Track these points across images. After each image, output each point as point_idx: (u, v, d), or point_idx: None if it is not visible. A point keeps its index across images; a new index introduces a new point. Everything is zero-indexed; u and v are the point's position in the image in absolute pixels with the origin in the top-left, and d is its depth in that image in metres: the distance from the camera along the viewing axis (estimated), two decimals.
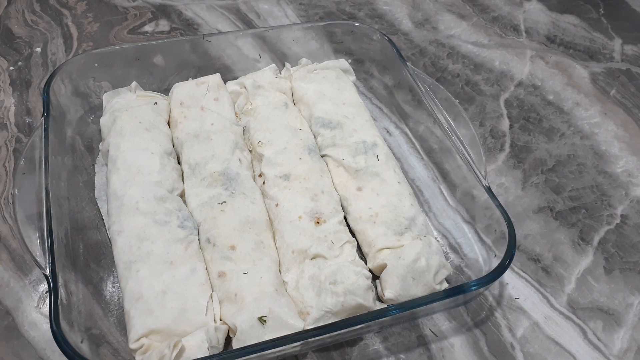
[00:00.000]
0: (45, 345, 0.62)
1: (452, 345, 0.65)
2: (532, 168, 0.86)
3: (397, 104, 0.90)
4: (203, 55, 0.89)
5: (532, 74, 1.03)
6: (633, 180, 0.86)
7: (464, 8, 1.17)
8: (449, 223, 0.76)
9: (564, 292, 0.72)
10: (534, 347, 0.66)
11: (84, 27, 1.04)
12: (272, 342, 0.54)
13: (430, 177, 0.81)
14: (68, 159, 0.76)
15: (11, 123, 0.86)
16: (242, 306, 0.60)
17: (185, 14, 1.10)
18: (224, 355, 0.53)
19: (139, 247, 0.63)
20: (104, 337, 0.62)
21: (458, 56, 1.05)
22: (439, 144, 0.79)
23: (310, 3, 1.15)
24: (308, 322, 0.60)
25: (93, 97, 0.85)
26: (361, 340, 0.65)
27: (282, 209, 0.69)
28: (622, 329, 0.68)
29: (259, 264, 0.64)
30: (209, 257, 0.65)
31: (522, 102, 0.97)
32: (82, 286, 0.65)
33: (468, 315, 0.68)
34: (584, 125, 0.94)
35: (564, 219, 0.80)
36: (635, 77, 1.04)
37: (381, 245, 0.67)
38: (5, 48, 0.99)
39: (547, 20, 1.16)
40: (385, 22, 1.12)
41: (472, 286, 0.59)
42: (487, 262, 0.67)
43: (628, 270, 0.74)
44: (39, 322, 0.64)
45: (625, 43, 1.11)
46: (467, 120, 0.76)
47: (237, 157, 0.74)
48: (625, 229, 0.79)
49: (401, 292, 0.63)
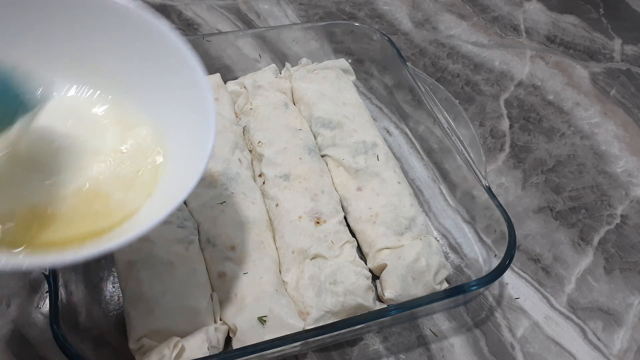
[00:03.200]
0: (45, 345, 0.62)
1: (452, 345, 0.65)
2: (532, 168, 0.86)
3: (397, 104, 0.90)
4: (203, 55, 0.88)
5: (532, 74, 1.03)
6: (633, 180, 0.86)
7: (464, 8, 1.17)
8: (449, 223, 0.76)
9: (564, 292, 0.72)
10: (534, 347, 0.66)
11: None
12: (272, 342, 0.54)
13: (430, 177, 0.81)
14: None
15: None
16: (242, 306, 0.60)
17: (185, 14, 1.10)
18: (224, 355, 0.53)
19: (139, 247, 0.63)
20: (104, 337, 0.62)
21: (458, 56, 1.05)
22: (439, 144, 0.79)
23: (310, 3, 1.15)
24: (308, 322, 0.60)
25: None
26: (361, 340, 0.65)
27: (282, 209, 0.69)
28: (622, 329, 0.68)
29: (259, 264, 0.64)
30: (209, 257, 0.65)
31: (522, 102, 0.97)
32: (82, 286, 0.65)
33: (468, 315, 0.68)
34: (584, 125, 0.94)
35: (564, 219, 0.80)
36: (635, 77, 1.04)
37: (381, 245, 0.67)
38: None
39: (547, 20, 1.16)
40: (385, 22, 1.12)
41: (472, 286, 0.59)
42: (487, 262, 0.67)
43: (628, 270, 0.74)
44: (39, 322, 0.64)
45: (625, 43, 1.11)
46: (467, 120, 0.76)
47: (237, 157, 0.74)
48: (625, 229, 0.79)
49: (401, 292, 0.63)
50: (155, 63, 0.56)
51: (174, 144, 0.55)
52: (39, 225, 0.49)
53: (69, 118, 0.55)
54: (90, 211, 0.51)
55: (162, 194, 0.52)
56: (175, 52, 0.54)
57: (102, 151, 0.55)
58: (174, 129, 0.56)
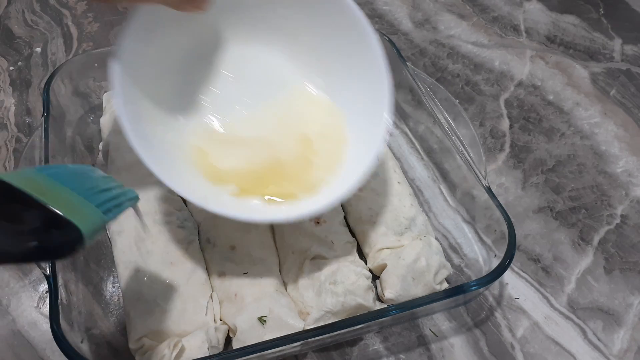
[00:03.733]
0: (45, 345, 0.62)
1: (452, 345, 0.65)
2: (532, 168, 0.86)
3: (397, 104, 0.90)
4: None
5: (532, 74, 1.03)
6: (633, 180, 0.86)
7: (464, 8, 1.17)
8: (449, 223, 0.76)
9: (564, 292, 0.72)
10: (534, 347, 0.66)
11: (84, 27, 1.04)
12: (272, 342, 0.54)
13: (430, 177, 0.81)
14: (68, 159, 0.76)
15: (11, 123, 0.86)
16: (242, 306, 0.60)
17: None
18: (224, 355, 0.53)
19: (139, 247, 0.63)
20: (104, 337, 0.62)
21: (458, 56, 1.05)
22: (439, 144, 0.79)
23: None
24: (308, 322, 0.60)
25: (93, 97, 0.85)
26: (361, 340, 0.65)
27: None
28: (622, 329, 0.68)
29: (259, 264, 0.64)
30: (209, 257, 0.65)
31: (522, 102, 0.97)
32: (82, 286, 0.65)
33: (468, 315, 0.68)
34: (584, 125, 0.94)
35: (564, 219, 0.80)
36: (635, 77, 1.04)
37: (381, 245, 0.67)
38: (5, 48, 0.99)
39: (547, 20, 1.16)
40: (385, 22, 1.12)
41: (472, 286, 0.59)
42: (487, 262, 0.67)
43: (628, 270, 0.74)
44: (39, 322, 0.64)
45: (625, 43, 1.11)
46: (467, 120, 0.76)
47: None
48: (625, 229, 0.79)
49: (401, 292, 0.63)
50: (344, 42, 0.63)
51: (353, 125, 0.65)
52: (273, 181, 0.61)
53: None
54: (301, 177, 0.62)
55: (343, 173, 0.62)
56: (361, 32, 0.62)
57: (310, 126, 0.66)
58: (353, 111, 0.65)
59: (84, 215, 0.42)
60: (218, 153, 0.62)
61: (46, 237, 0.39)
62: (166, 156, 0.59)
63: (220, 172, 0.61)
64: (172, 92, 0.63)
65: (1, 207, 0.39)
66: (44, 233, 0.39)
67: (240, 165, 0.62)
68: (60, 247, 0.40)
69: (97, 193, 0.45)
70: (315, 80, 0.67)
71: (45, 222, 0.39)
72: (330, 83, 0.67)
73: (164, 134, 0.60)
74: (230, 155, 0.62)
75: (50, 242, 0.39)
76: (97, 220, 0.43)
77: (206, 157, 0.62)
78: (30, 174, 0.42)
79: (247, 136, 0.64)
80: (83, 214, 0.42)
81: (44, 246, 0.39)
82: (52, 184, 0.42)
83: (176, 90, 0.64)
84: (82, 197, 0.43)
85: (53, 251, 0.40)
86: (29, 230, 0.39)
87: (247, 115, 0.65)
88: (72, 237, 0.40)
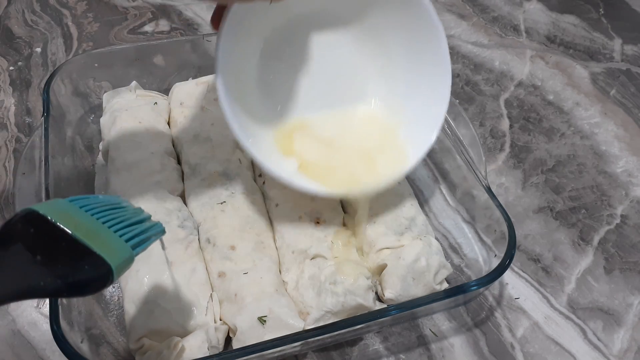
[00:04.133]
0: (45, 345, 0.62)
1: (452, 345, 0.65)
2: (532, 168, 0.86)
3: None
4: (203, 55, 0.89)
5: (532, 74, 1.03)
6: (633, 180, 0.86)
7: (464, 8, 1.17)
8: (449, 223, 0.76)
9: (564, 292, 0.72)
10: (534, 347, 0.66)
11: (84, 27, 1.04)
12: (272, 342, 0.54)
13: (430, 177, 0.81)
14: (68, 159, 0.76)
15: (11, 123, 0.86)
16: (242, 306, 0.60)
17: (185, 14, 1.10)
18: (224, 355, 0.53)
19: None
20: (104, 337, 0.62)
21: (458, 56, 1.05)
22: (439, 144, 0.79)
23: None
24: (308, 322, 0.60)
25: (93, 97, 0.85)
26: (361, 340, 0.65)
27: (282, 209, 0.69)
28: (622, 329, 0.68)
29: (259, 264, 0.64)
30: (209, 257, 0.65)
31: (522, 102, 0.97)
32: None
33: (468, 315, 0.68)
34: (584, 125, 0.94)
35: (564, 219, 0.80)
36: (635, 77, 1.04)
37: (381, 245, 0.67)
38: (5, 48, 0.99)
39: (547, 20, 1.16)
40: None
41: (472, 286, 0.59)
42: (487, 262, 0.67)
43: (628, 270, 0.74)
44: (39, 322, 0.64)
45: (625, 43, 1.11)
46: (467, 120, 0.76)
47: (237, 157, 0.74)
48: (625, 229, 0.79)
49: (401, 292, 0.63)
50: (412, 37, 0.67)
51: (409, 116, 0.70)
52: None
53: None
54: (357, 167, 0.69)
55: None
56: (429, 27, 0.64)
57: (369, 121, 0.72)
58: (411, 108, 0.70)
59: (113, 250, 0.41)
60: (300, 143, 0.69)
61: (78, 273, 0.39)
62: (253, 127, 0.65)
63: (294, 152, 0.68)
64: (256, 81, 0.68)
65: (36, 241, 0.38)
66: (76, 269, 0.39)
67: (315, 158, 0.68)
68: (91, 283, 0.40)
69: (126, 227, 0.45)
70: (380, 91, 0.72)
71: (78, 256, 0.39)
72: (394, 87, 0.71)
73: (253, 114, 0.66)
74: (307, 147, 0.69)
75: (81, 278, 0.39)
76: (126, 256, 0.43)
77: (291, 143, 0.69)
78: (64, 207, 0.42)
79: (321, 135, 0.70)
80: (113, 249, 0.41)
81: (76, 282, 0.39)
82: (84, 216, 0.42)
83: (261, 80, 0.68)
84: (112, 231, 0.43)
85: (83, 287, 0.40)
86: (62, 265, 0.38)
87: (322, 114, 0.71)
88: (102, 273, 0.40)
